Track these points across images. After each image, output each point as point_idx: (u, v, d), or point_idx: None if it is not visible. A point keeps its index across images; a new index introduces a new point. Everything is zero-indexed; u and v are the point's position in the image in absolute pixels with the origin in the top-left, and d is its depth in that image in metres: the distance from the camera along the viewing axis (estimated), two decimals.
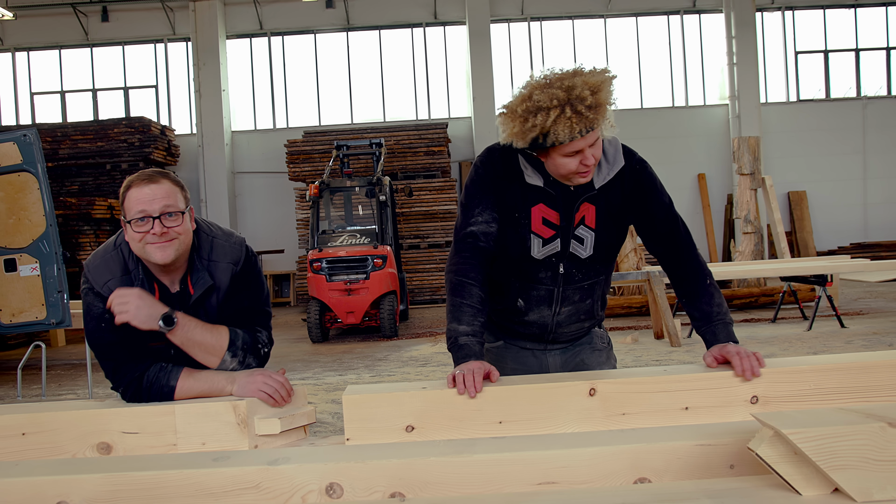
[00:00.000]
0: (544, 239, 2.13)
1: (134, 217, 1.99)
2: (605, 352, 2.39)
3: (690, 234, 2.21)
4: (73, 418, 1.93)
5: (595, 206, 2.12)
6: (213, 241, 2.13)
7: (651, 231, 2.19)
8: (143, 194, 1.99)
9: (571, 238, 2.14)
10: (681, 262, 2.18)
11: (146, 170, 2.07)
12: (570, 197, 2.11)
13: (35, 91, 17.74)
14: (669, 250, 2.19)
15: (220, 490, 1.58)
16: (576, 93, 1.88)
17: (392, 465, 1.57)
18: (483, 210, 2.11)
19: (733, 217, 15.87)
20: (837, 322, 8.59)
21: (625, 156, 2.13)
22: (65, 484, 1.60)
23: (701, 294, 2.13)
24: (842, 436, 1.34)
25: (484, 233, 2.10)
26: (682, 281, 2.18)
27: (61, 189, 14.31)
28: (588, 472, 1.57)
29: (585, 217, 2.13)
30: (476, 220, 2.11)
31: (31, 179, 6.72)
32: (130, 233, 2.01)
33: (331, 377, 7.11)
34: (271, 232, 16.49)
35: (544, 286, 2.19)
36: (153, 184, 2.00)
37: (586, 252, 2.15)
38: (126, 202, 2.01)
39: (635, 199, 2.15)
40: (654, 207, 2.16)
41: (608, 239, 2.17)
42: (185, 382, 2.01)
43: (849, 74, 17.78)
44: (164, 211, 1.99)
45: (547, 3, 17.26)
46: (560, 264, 2.16)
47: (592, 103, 1.88)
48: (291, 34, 17.46)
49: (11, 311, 6.83)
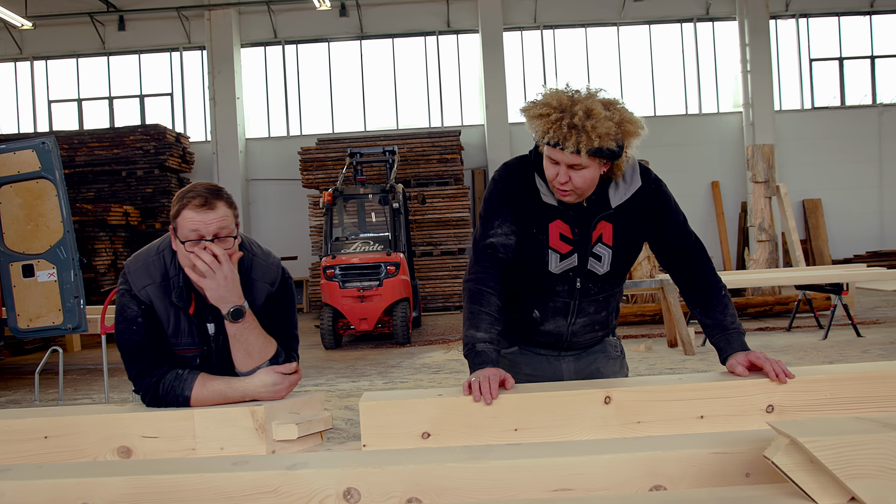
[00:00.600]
0: (562, 254, 2.17)
1: (188, 238, 2.00)
2: (618, 360, 2.43)
3: (705, 250, 2.24)
4: (94, 422, 1.96)
5: (612, 225, 2.16)
6: (253, 259, 2.16)
7: (664, 247, 2.24)
8: (199, 217, 1.99)
9: (589, 256, 2.17)
10: (693, 276, 2.21)
11: (200, 186, 2.04)
12: (586, 215, 2.14)
13: (53, 99, 17.94)
14: (682, 266, 2.23)
15: (239, 494, 1.59)
16: (577, 107, 1.95)
17: (409, 471, 1.59)
18: (502, 222, 2.14)
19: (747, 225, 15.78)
20: (853, 331, 8.53)
21: (642, 174, 2.18)
22: (87, 486, 1.62)
23: (715, 303, 2.16)
24: (859, 445, 1.34)
25: (503, 244, 2.14)
26: (695, 292, 2.21)
27: (77, 195, 14.45)
28: (604, 480, 1.57)
29: (603, 235, 2.16)
30: (495, 231, 2.14)
31: (49, 186, 6.81)
32: (182, 250, 2.02)
33: (344, 384, 7.13)
34: (285, 238, 16.55)
35: (561, 299, 2.22)
36: (210, 210, 2.00)
37: (603, 269, 2.19)
38: (179, 219, 2.01)
39: (650, 218, 2.19)
40: (668, 225, 2.20)
41: (625, 255, 2.21)
42: (200, 393, 2.03)
43: (864, 82, 17.68)
44: (217, 234, 2.01)
45: (560, 11, 17.29)
46: (577, 279, 2.20)
47: (579, 124, 1.93)
48: (305, 42, 17.57)
49: (29, 315, 6.90)
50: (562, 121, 1.95)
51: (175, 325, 2.10)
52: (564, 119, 1.95)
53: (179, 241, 2.02)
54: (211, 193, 2.02)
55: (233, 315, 2.02)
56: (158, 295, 2.08)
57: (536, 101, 2.03)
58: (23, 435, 1.96)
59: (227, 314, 2.03)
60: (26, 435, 1.96)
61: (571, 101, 1.97)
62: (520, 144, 16.58)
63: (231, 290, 2.02)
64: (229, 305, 2.02)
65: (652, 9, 17.28)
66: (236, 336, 2.06)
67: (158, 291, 2.07)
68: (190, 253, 2.00)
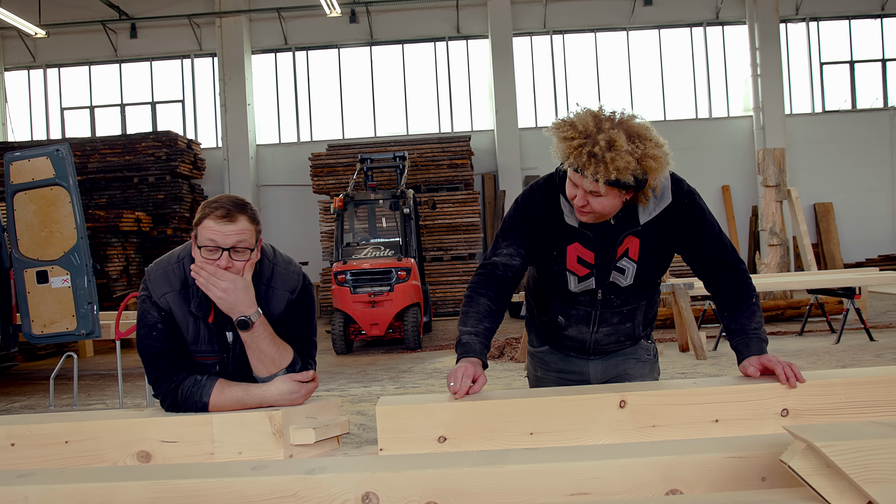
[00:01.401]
0: (579, 276, 2.20)
1: (204, 245, 2.03)
2: (649, 364, 2.43)
3: (741, 261, 2.23)
4: (114, 427, 1.99)
5: (639, 240, 2.16)
6: (273, 267, 2.19)
7: (699, 259, 2.22)
8: (219, 228, 2.02)
9: (612, 269, 2.18)
10: (727, 283, 2.20)
11: (226, 199, 2.07)
12: (612, 232, 2.14)
13: (65, 106, 18.10)
14: (717, 277, 2.22)
15: (258, 498, 1.61)
16: (598, 137, 1.93)
17: (426, 475, 1.60)
18: (511, 245, 2.20)
19: (758, 229, 15.73)
20: (866, 335, 8.48)
21: (673, 189, 2.14)
22: (108, 491, 1.64)
23: (744, 309, 2.16)
24: (875, 449, 1.35)
25: (504, 264, 2.20)
26: (727, 298, 2.20)
27: (90, 202, 14.55)
28: (620, 484, 1.58)
29: (629, 250, 2.17)
30: (501, 252, 2.21)
31: (62, 193, 6.86)
32: (197, 257, 2.06)
33: (355, 389, 7.14)
34: (295, 244, 16.61)
35: (583, 307, 2.26)
36: (230, 223, 2.03)
37: (626, 281, 2.21)
38: (200, 226, 2.05)
39: (684, 233, 2.17)
40: (703, 238, 2.18)
41: (651, 270, 2.22)
42: (218, 399, 2.05)
43: (875, 85, 17.60)
44: (234, 245, 2.04)
45: (569, 17, 17.30)
46: (598, 290, 2.22)
47: (598, 154, 1.91)
48: (316, 49, 17.66)
49: (43, 321, 6.96)
50: (583, 148, 1.94)
51: (194, 332, 2.12)
52: (586, 147, 1.94)
53: (197, 246, 2.05)
54: (235, 207, 2.05)
55: (239, 325, 2.05)
56: (177, 303, 2.11)
57: (566, 120, 2.02)
58: (45, 440, 1.98)
59: (236, 323, 2.06)
60: (48, 440, 1.98)
61: (597, 129, 1.95)
62: (529, 150, 16.59)
63: (238, 301, 2.04)
64: (237, 315, 2.05)
65: (662, 13, 17.27)
66: (249, 344, 2.09)
67: (177, 299, 2.10)
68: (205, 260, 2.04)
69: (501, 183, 16.59)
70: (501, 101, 16.79)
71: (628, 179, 1.94)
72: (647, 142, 1.96)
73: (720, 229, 2.21)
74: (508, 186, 16.35)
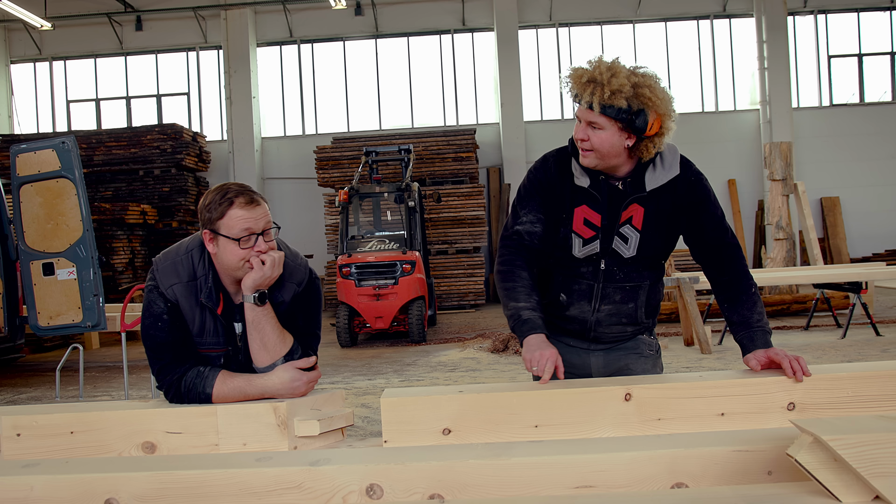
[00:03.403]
0: (584, 239, 2.21)
1: (240, 235, 2.05)
2: (651, 359, 2.41)
3: (740, 247, 2.25)
4: (119, 418, 1.99)
5: (644, 209, 2.19)
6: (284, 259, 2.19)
7: (699, 241, 2.25)
8: (249, 214, 2.05)
9: (615, 235, 2.20)
10: (725, 270, 2.22)
11: (237, 186, 2.10)
12: (619, 196, 2.18)
13: (71, 99, 18.12)
14: (715, 261, 2.24)
15: (263, 490, 1.61)
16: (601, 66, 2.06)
17: (431, 467, 1.60)
18: (529, 212, 2.24)
19: (764, 223, 15.67)
20: (872, 330, 8.46)
21: (682, 166, 2.21)
22: (113, 481, 1.64)
23: (744, 300, 2.16)
24: (883, 443, 1.34)
25: (529, 232, 2.23)
26: (725, 287, 2.22)
27: (95, 195, 14.58)
28: (625, 477, 1.58)
29: (633, 217, 2.19)
30: (522, 220, 2.24)
31: (68, 185, 6.87)
32: (234, 249, 2.06)
33: (360, 381, 7.15)
34: (300, 237, 16.58)
35: (585, 280, 2.26)
36: (257, 206, 2.07)
37: (629, 252, 2.21)
38: (225, 219, 2.05)
39: (687, 210, 2.21)
40: (705, 219, 2.21)
41: (654, 242, 2.22)
42: (221, 390, 2.05)
43: (884, 78, 17.50)
44: (265, 228, 2.08)
45: (575, 9, 17.24)
46: (602, 260, 2.23)
47: (597, 78, 2.05)
48: (321, 41, 17.63)
49: (49, 313, 6.98)
50: (583, 76, 2.07)
51: (201, 324, 2.12)
52: (587, 74, 2.07)
53: (231, 239, 2.05)
54: (251, 191, 2.10)
55: (259, 298, 2.07)
56: (185, 294, 2.10)
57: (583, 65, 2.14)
58: (50, 430, 1.99)
59: (255, 297, 2.07)
60: (53, 430, 1.99)
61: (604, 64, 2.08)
62: (535, 143, 16.55)
63: (268, 278, 2.09)
64: (266, 287, 2.09)
65: (668, 6, 17.19)
66: (254, 323, 2.09)
67: (185, 291, 2.10)
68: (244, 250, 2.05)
69: (506, 176, 16.56)
70: (507, 95, 16.75)
71: (622, 105, 2.03)
72: (648, 77, 2.09)
73: (723, 214, 2.25)
74: (513, 180, 16.33)
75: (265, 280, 2.08)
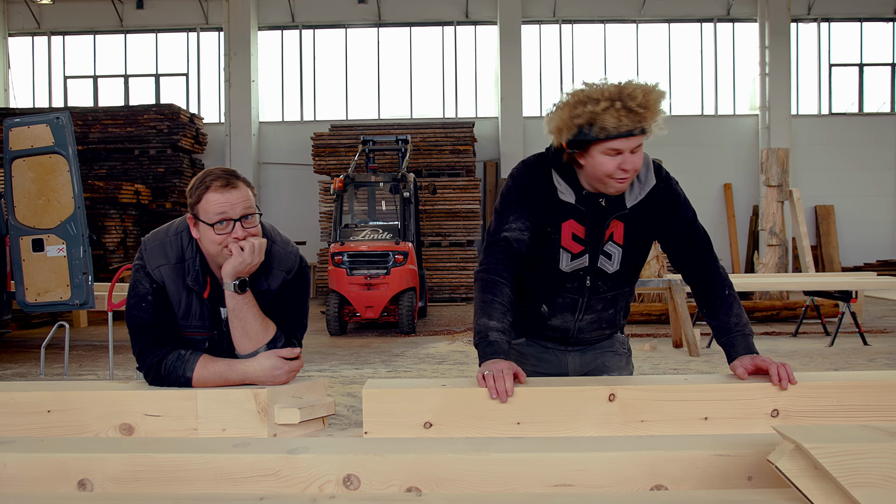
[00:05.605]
0: (573, 254, 2.17)
1: (215, 220, 2.01)
2: (625, 357, 2.43)
3: (711, 246, 2.23)
4: (97, 398, 1.96)
5: (624, 224, 2.16)
6: (272, 246, 2.16)
7: (672, 243, 2.23)
8: (224, 198, 2.01)
9: (600, 254, 2.17)
10: (701, 273, 2.21)
11: (217, 170, 2.06)
12: (601, 213, 2.14)
13: (69, 75, 18.00)
14: (689, 262, 2.22)
15: (239, 476, 1.59)
16: (627, 91, 1.95)
17: (410, 460, 1.58)
18: (517, 218, 2.14)
19: (758, 228, 15.71)
20: (860, 339, 8.48)
21: (655, 172, 2.17)
22: (88, 462, 1.62)
23: (719, 305, 2.15)
24: (864, 453, 1.33)
25: (516, 239, 2.14)
26: (702, 292, 2.21)
27: (90, 172, 14.49)
28: (605, 477, 1.57)
29: (614, 234, 2.16)
30: (509, 226, 2.14)
31: (61, 161, 6.81)
32: (210, 235, 2.03)
33: (347, 370, 7.14)
34: (294, 223, 16.57)
35: (570, 295, 2.23)
36: (233, 189, 2.02)
37: (613, 267, 2.19)
38: (202, 203, 2.02)
39: (660, 215, 2.18)
40: (676, 222, 2.19)
41: (635, 255, 2.21)
42: (201, 374, 2.03)
43: (884, 89, 17.52)
44: (243, 213, 2.03)
45: (579, 7, 17.20)
46: (587, 277, 2.20)
47: (643, 103, 1.94)
48: (322, 28, 17.55)
49: (37, 290, 6.93)
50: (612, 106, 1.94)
51: (186, 307, 2.10)
52: (615, 105, 1.94)
53: (207, 224, 2.02)
54: (230, 174, 2.05)
55: (239, 286, 2.04)
56: (171, 276, 2.08)
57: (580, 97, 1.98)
58: (26, 408, 1.96)
59: (235, 285, 2.03)
60: (30, 408, 1.96)
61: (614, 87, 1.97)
62: (533, 138, 16.53)
63: (248, 265, 2.04)
64: (247, 274, 2.05)
65: (672, 7, 17.16)
66: (235, 311, 2.06)
67: (172, 272, 2.08)
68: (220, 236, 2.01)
69: (503, 171, 16.54)
70: (507, 89, 16.71)
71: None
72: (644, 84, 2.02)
73: (695, 215, 2.22)
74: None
75: (245, 267, 2.04)
